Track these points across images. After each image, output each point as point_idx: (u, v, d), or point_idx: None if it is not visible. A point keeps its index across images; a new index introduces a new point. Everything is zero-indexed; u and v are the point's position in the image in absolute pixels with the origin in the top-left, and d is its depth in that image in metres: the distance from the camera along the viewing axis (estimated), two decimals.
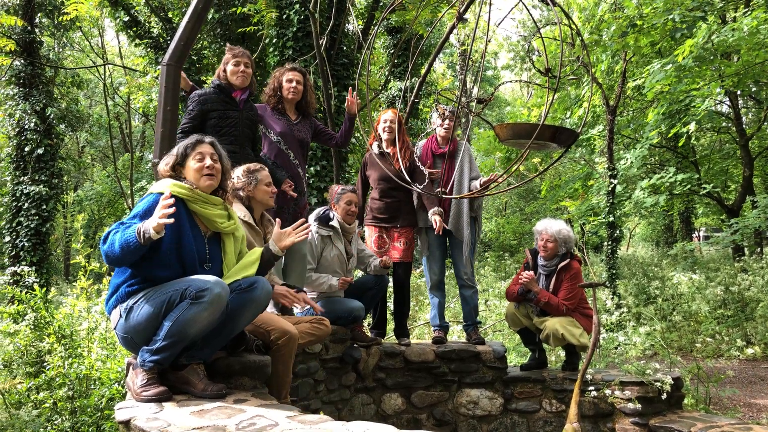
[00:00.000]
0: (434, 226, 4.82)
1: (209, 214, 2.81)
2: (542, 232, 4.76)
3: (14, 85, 13.73)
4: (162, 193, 2.63)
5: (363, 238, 5.09)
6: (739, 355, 8.01)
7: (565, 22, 3.14)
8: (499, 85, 3.11)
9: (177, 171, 2.85)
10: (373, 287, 4.64)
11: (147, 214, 2.60)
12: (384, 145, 4.94)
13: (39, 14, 14.08)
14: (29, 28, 13.39)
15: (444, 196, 3.27)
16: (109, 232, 2.56)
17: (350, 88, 4.88)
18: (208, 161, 2.82)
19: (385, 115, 4.95)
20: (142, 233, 2.45)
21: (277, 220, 3.28)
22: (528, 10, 3.19)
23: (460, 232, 4.96)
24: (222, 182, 2.91)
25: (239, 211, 3.51)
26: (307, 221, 4.44)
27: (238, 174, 3.63)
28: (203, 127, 4.10)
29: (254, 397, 2.72)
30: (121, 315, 2.66)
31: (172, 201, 2.47)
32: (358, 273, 5.12)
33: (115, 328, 2.72)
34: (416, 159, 4.88)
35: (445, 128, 5.01)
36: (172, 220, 2.46)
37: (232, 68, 4.20)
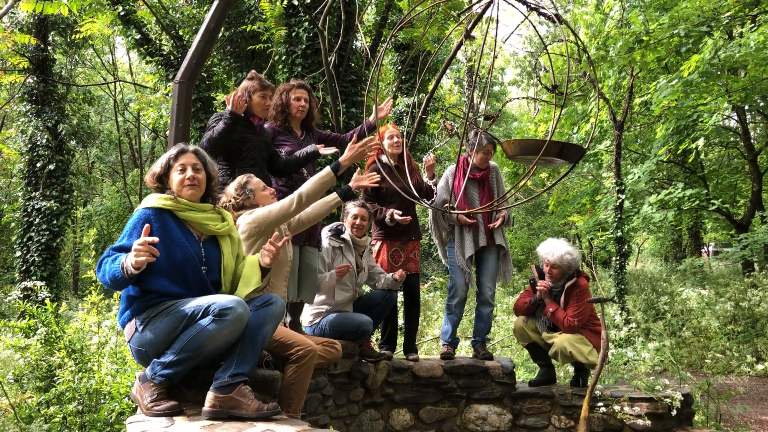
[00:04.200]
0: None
1: (199, 218, 2.83)
2: (546, 259, 4.67)
3: (27, 102, 13.93)
4: (148, 208, 2.71)
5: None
6: (749, 372, 7.92)
7: (572, 38, 3.17)
8: (507, 101, 3.14)
9: (163, 182, 2.88)
10: (381, 302, 4.65)
11: (134, 233, 2.64)
12: (391, 160, 4.96)
13: (52, 32, 14.32)
14: (42, 46, 13.60)
15: (452, 211, 3.30)
16: (102, 260, 2.59)
17: (389, 99, 4.78)
18: (189, 173, 2.83)
19: (388, 131, 4.97)
20: (125, 268, 2.47)
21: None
22: (534, 27, 3.23)
23: (504, 244, 5.07)
24: (208, 189, 2.92)
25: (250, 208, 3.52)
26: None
27: (231, 193, 3.54)
28: (226, 145, 4.00)
29: None
30: (136, 328, 2.66)
31: (149, 240, 2.46)
32: (367, 289, 5.14)
33: (128, 341, 2.72)
34: (423, 176, 4.91)
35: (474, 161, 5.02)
36: (153, 259, 2.46)
37: (258, 101, 4.16)
